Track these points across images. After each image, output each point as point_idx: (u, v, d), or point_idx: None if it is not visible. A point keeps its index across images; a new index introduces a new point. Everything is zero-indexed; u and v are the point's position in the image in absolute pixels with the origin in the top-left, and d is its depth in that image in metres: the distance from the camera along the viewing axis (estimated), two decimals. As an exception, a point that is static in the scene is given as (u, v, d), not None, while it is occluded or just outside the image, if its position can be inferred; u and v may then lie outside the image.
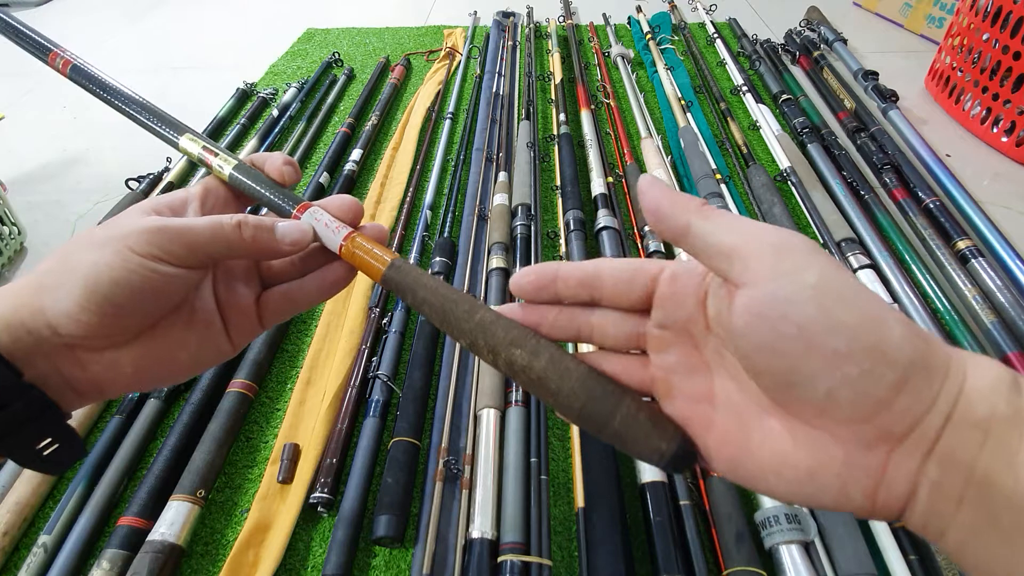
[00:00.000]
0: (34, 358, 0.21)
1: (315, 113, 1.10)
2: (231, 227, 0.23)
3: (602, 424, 0.20)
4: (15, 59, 1.40)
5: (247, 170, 0.27)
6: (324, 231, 0.25)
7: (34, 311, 0.21)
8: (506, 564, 0.45)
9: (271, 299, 0.27)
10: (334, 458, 0.53)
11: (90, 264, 0.21)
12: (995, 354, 0.61)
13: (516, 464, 0.51)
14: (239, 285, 0.26)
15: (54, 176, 0.99)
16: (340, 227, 0.25)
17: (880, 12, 1.44)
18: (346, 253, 0.25)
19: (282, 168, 0.27)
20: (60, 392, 0.22)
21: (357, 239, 0.25)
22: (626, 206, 0.84)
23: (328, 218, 0.26)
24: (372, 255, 0.25)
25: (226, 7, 1.70)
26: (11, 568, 0.48)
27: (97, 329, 0.21)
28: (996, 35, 0.93)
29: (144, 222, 0.22)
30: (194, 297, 0.25)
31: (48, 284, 0.21)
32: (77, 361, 0.22)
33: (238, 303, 0.26)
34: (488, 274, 0.71)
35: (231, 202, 0.28)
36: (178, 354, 0.24)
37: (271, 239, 0.24)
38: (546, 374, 0.21)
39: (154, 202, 0.24)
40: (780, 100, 1.07)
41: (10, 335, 0.20)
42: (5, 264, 0.78)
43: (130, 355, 0.23)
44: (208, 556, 0.49)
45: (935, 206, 0.79)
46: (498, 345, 0.21)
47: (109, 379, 0.23)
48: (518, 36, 1.37)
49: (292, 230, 0.25)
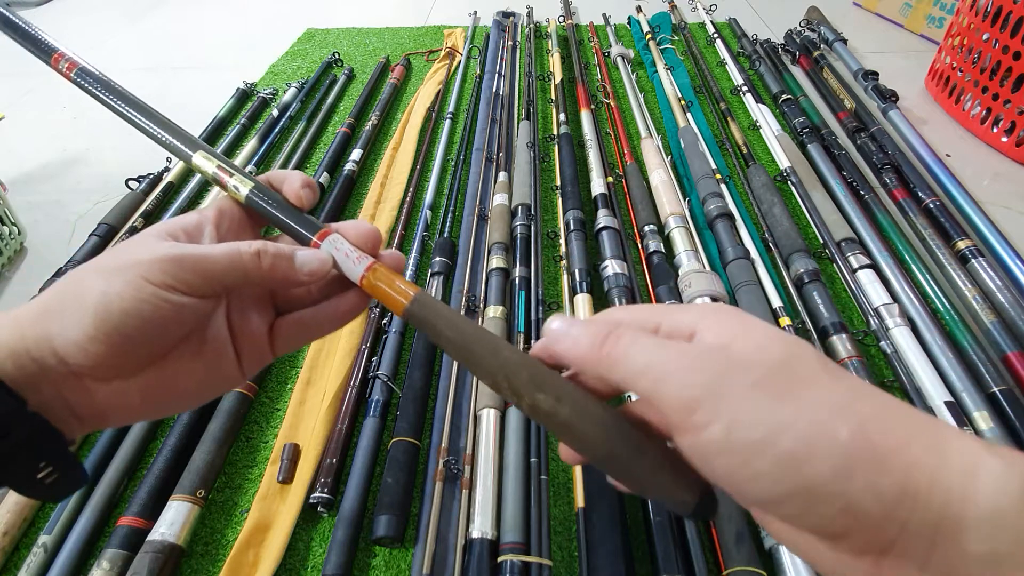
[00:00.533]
0: (39, 385, 0.20)
1: (315, 113, 1.10)
2: (249, 256, 0.23)
3: (626, 473, 0.20)
4: (15, 59, 1.40)
5: (264, 193, 0.26)
6: (344, 261, 0.25)
7: (40, 339, 0.20)
8: (506, 564, 0.45)
9: (284, 327, 0.26)
10: (334, 458, 0.53)
11: (100, 293, 0.20)
12: (995, 354, 0.61)
13: (516, 464, 0.51)
14: (252, 312, 0.26)
15: (54, 176, 0.99)
16: (361, 257, 0.25)
17: (880, 12, 1.44)
18: (367, 285, 0.24)
19: (300, 192, 0.26)
20: (64, 419, 0.21)
21: (379, 270, 0.24)
22: (626, 206, 0.84)
23: (348, 247, 0.25)
24: (395, 288, 0.24)
25: (226, 7, 1.70)
26: (11, 568, 0.48)
27: (106, 359, 0.20)
28: (996, 35, 0.93)
29: (158, 250, 0.21)
30: (205, 325, 0.24)
31: (56, 311, 0.20)
32: (84, 390, 0.21)
33: (251, 331, 0.25)
34: (488, 274, 0.71)
35: (246, 225, 0.27)
36: (187, 383, 0.23)
37: (290, 269, 0.23)
38: (571, 421, 0.20)
39: (168, 225, 0.24)
40: (780, 100, 1.07)
41: (15, 363, 0.20)
42: (5, 264, 0.78)
43: (138, 384, 0.22)
44: (208, 556, 0.49)
45: (935, 206, 0.79)
46: (521, 388, 0.21)
47: (116, 408, 0.22)
48: (518, 36, 1.37)
49: (311, 260, 0.24)
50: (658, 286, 0.68)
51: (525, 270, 0.70)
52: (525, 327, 0.64)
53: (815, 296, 0.66)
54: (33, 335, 0.20)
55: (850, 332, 0.62)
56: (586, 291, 0.67)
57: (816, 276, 0.69)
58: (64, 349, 0.20)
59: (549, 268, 0.75)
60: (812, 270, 0.69)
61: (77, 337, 0.20)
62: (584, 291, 0.67)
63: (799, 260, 0.70)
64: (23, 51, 0.31)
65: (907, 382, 0.58)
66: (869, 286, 0.68)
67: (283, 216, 0.26)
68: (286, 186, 0.26)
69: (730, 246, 0.72)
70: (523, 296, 0.67)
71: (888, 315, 0.64)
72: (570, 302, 0.68)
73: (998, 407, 0.56)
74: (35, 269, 0.79)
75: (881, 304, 0.65)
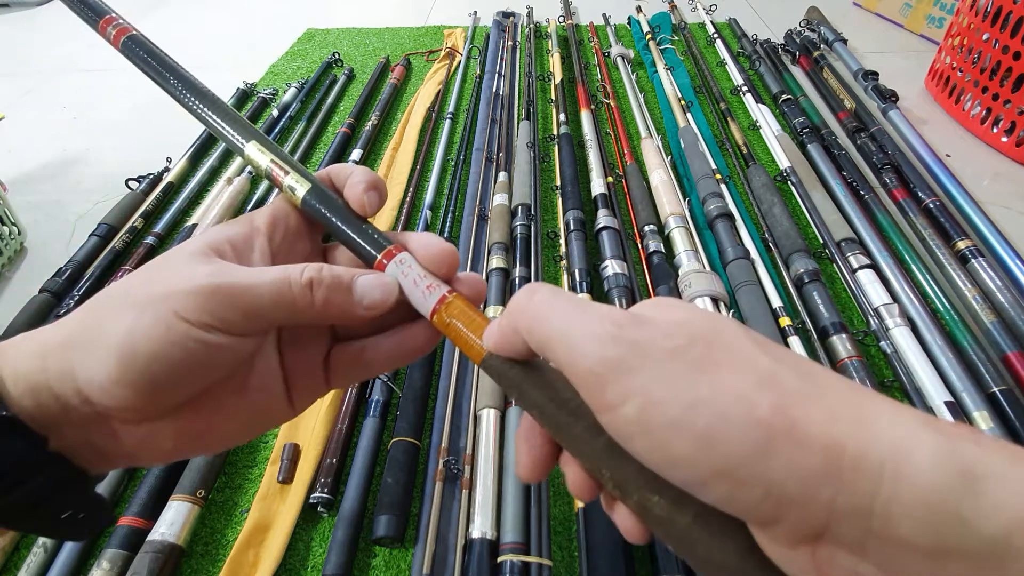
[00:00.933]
0: (61, 426, 0.18)
1: (315, 113, 1.10)
2: (300, 289, 0.19)
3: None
4: (15, 59, 1.40)
5: (323, 196, 0.22)
6: (412, 290, 0.21)
7: (63, 373, 0.18)
8: (506, 564, 0.45)
9: (342, 358, 0.23)
10: (334, 458, 0.53)
11: (126, 331, 0.18)
12: (995, 354, 0.61)
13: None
14: (307, 340, 0.22)
15: (54, 176, 0.99)
16: (433, 285, 0.21)
17: (880, 12, 1.44)
18: (439, 322, 0.20)
19: (363, 198, 0.22)
20: (88, 459, 0.19)
21: (454, 306, 0.20)
22: (626, 206, 0.84)
23: (419, 272, 0.21)
24: (473, 328, 0.20)
25: (226, 7, 1.70)
26: (11, 568, 0.48)
27: (132, 403, 0.18)
28: (996, 35, 0.93)
29: (196, 277, 0.18)
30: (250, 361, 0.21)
31: (79, 344, 0.18)
32: (111, 432, 0.19)
33: (305, 364, 0.22)
34: (488, 274, 0.71)
35: (303, 232, 0.23)
36: (227, 424, 0.20)
37: (347, 301, 0.20)
38: (692, 535, 0.16)
39: (214, 238, 0.20)
40: (780, 100, 1.07)
41: (34, 399, 0.18)
42: (5, 264, 0.78)
43: (171, 428, 0.19)
44: (208, 556, 0.49)
45: (935, 206, 0.79)
46: (628, 483, 0.17)
47: (145, 451, 0.19)
48: (518, 36, 1.37)
49: (373, 289, 0.20)
50: (658, 286, 0.68)
51: (525, 270, 0.70)
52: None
53: (815, 296, 0.66)
54: (56, 368, 0.18)
55: (850, 332, 0.62)
56: (586, 291, 0.67)
57: (816, 276, 0.69)
58: (87, 389, 0.18)
59: (549, 268, 0.75)
60: (812, 270, 0.69)
61: (100, 379, 0.18)
62: (584, 291, 0.67)
63: (799, 260, 0.70)
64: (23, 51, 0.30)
65: (907, 382, 0.58)
66: (869, 286, 0.68)
67: (343, 226, 0.22)
68: (348, 188, 0.22)
69: (730, 246, 0.72)
70: (523, 296, 0.67)
71: (888, 315, 0.64)
72: (570, 302, 0.68)
73: (998, 407, 0.56)
74: (35, 269, 0.79)
75: (881, 304, 0.65)
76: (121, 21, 0.25)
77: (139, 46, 0.25)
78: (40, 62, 1.37)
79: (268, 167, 0.23)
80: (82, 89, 1.26)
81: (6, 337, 0.70)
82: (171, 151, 0.98)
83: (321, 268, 0.20)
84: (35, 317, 0.68)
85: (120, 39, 0.25)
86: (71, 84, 1.28)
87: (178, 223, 0.85)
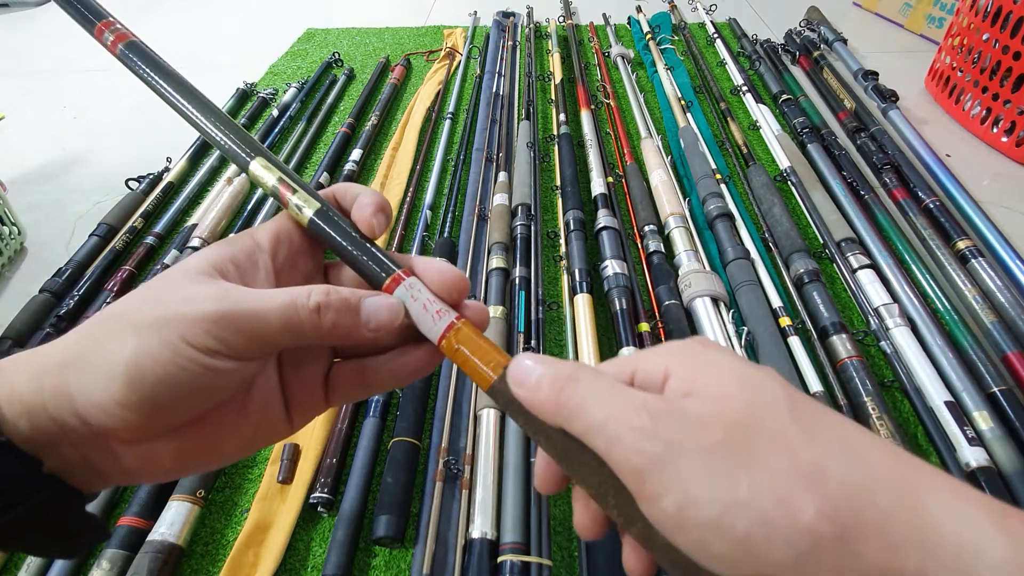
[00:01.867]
0: (57, 447, 0.18)
1: (315, 113, 1.10)
2: (308, 314, 0.19)
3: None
4: (15, 59, 1.40)
5: (331, 218, 0.22)
6: (420, 314, 0.21)
7: (60, 394, 0.18)
8: (506, 564, 0.45)
9: (342, 376, 0.23)
10: (334, 458, 0.53)
11: (132, 354, 0.17)
12: (995, 354, 0.61)
13: (516, 464, 0.51)
14: (307, 359, 0.22)
15: (54, 176, 0.99)
16: (442, 311, 0.21)
17: (880, 12, 1.44)
18: (447, 348, 0.21)
19: (372, 220, 0.22)
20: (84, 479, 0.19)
21: (463, 332, 0.20)
22: (626, 206, 0.84)
23: (427, 296, 0.21)
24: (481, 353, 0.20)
25: (226, 8, 1.70)
26: (11, 568, 0.48)
27: (135, 424, 0.18)
28: (996, 35, 0.93)
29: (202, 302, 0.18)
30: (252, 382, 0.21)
31: (78, 365, 0.18)
32: (108, 451, 0.19)
33: (305, 382, 0.22)
34: (488, 274, 0.71)
35: (306, 249, 0.23)
36: (226, 442, 0.21)
37: (354, 323, 0.20)
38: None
39: (216, 256, 0.20)
40: (780, 100, 1.07)
41: (30, 421, 0.17)
42: (5, 264, 0.78)
43: (171, 446, 0.19)
44: (208, 556, 0.49)
45: (935, 206, 0.79)
46: (634, 512, 0.17)
47: (143, 469, 0.19)
48: (518, 36, 1.37)
49: (379, 310, 0.20)
50: (658, 286, 0.68)
51: (525, 270, 0.70)
52: (525, 327, 0.64)
53: (815, 296, 0.66)
54: (52, 389, 0.18)
55: (850, 332, 0.62)
56: (586, 291, 0.67)
57: (816, 276, 0.69)
58: (86, 410, 0.18)
59: (549, 268, 0.75)
60: (812, 270, 0.69)
61: (102, 400, 0.17)
62: (584, 291, 0.67)
63: (799, 260, 0.70)
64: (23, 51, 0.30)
65: (907, 382, 0.58)
66: (869, 286, 0.68)
67: (352, 250, 0.21)
68: (356, 210, 0.22)
69: (730, 246, 0.72)
70: (523, 296, 0.67)
71: (888, 315, 0.64)
72: (570, 302, 0.68)
73: (998, 407, 0.56)
74: (35, 269, 0.79)
75: (881, 304, 0.65)
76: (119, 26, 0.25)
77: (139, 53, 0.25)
78: (40, 62, 1.37)
79: (275, 185, 0.22)
80: (82, 89, 1.26)
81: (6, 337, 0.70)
82: (171, 151, 0.98)
83: (328, 292, 0.20)
84: (35, 317, 0.68)
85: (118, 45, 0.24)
86: (71, 84, 1.28)
87: (178, 223, 0.85)
